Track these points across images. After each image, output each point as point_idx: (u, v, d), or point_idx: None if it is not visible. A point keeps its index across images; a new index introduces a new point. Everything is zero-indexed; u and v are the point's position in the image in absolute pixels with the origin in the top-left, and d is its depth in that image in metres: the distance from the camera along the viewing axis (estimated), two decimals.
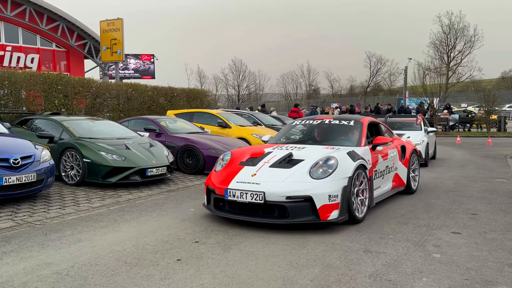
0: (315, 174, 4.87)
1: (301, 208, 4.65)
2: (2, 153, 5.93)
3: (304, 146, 5.87)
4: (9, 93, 10.47)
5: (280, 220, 4.68)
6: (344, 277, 3.49)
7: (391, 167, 6.49)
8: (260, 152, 5.63)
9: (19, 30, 22.53)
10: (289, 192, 4.68)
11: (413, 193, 7.07)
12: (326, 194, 4.67)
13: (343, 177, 4.87)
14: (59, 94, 11.74)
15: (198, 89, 18.97)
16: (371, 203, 5.51)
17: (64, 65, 24.62)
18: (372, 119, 6.89)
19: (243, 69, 62.57)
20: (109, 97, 13.44)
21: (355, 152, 5.39)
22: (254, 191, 4.74)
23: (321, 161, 5.01)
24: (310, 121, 6.83)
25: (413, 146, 7.49)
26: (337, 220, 4.72)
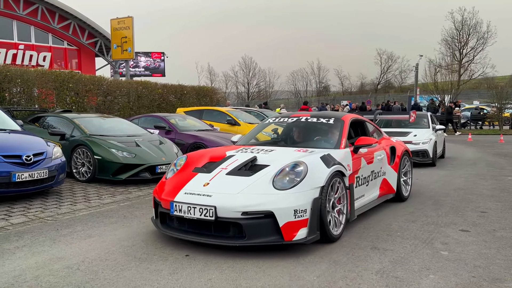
0: (279, 184, 4.00)
1: (260, 226, 3.78)
2: (15, 150, 6.04)
3: (273, 149, 4.93)
4: (21, 91, 10.64)
5: (234, 242, 3.80)
6: (351, 273, 3.51)
7: (378, 172, 5.64)
8: (221, 156, 4.76)
9: (31, 29, 22.80)
10: (246, 206, 3.80)
11: (405, 200, 6.26)
12: (291, 209, 3.80)
13: (313, 187, 4.01)
14: (70, 92, 11.89)
15: (208, 86, 19.08)
16: (351, 216, 4.64)
17: (75, 63, 24.87)
18: (356, 116, 6.07)
19: (253, 67, 62.69)
20: (119, 94, 13.57)
21: (331, 156, 4.51)
22: (204, 205, 3.86)
23: (288, 168, 4.14)
24: (285, 119, 5.83)
25: (404, 147, 6.61)
26: (305, 241, 3.86)
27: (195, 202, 3.94)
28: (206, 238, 3.90)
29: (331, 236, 4.17)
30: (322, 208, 4.02)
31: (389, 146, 6.16)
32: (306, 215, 3.89)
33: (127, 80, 15.13)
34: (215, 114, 12.50)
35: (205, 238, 3.90)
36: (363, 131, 6.06)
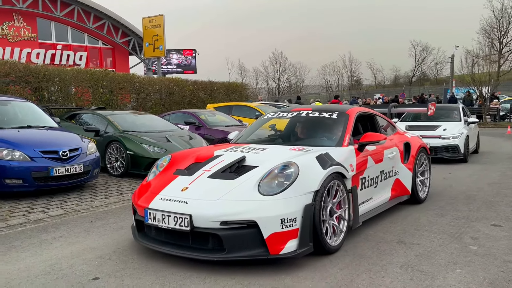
0: (265, 188, 3.49)
1: (242, 237, 3.30)
2: (52, 146, 6.33)
3: (266, 147, 4.44)
4: (59, 89, 11.08)
5: (213, 255, 3.33)
6: (375, 266, 3.51)
7: (389, 172, 5.06)
8: (208, 156, 4.30)
9: (68, 29, 23.62)
10: (225, 215, 3.32)
11: (421, 202, 5.67)
12: (277, 218, 3.30)
13: (305, 191, 3.49)
14: (104, 90, 12.28)
15: (237, 82, 19.22)
16: (354, 222, 4.10)
17: (110, 62, 25.59)
18: (364, 109, 5.47)
19: (283, 61, 62.40)
20: (151, 92, 13.90)
21: (329, 156, 3.97)
22: (179, 213, 3.41)
23: (277, 170, 3.62)
24: (285, 114, 5.27)
25: (421, 143, 5.94)
26: (295, 255, 3.36)
27: (170, 209, 3.49)
28: (182, 250, 3.45)
29: (327, 247, 3.65)
30: (316, 216, 3.50)
31: (402, 143, 5.55)
32: (296, 224, 3.39)
33: (158, 78, 15.47)
34: (244, 109, 12.62)
35: (181, 251, 3.45)
36: (373, 126, 5.50)
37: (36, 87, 10.84)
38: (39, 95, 10.75)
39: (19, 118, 7.23)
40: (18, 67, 10.58)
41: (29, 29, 21.84)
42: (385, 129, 5.76)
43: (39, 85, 10.81)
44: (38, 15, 21.99)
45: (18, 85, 10.52)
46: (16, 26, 21.33)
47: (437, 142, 9.45)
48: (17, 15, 21.33)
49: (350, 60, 62.71)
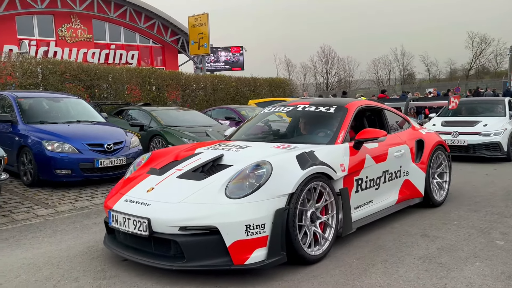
0: (232, 190, 3.17)
1: (203, 245, 3.02)
2: (97, 139, 6.81)
3: (250, 145, 4.14)
4: (109, 87, 11.76)
5: (172, 264, 3.06)
6: (392, 257, 3.55)
7: (395, 172, 4.59)
8: (188, 153, 4.04)
9: (121, 30, 24.73)
10: (185, 219, 3.05)
11: (438, 205, 5.13)
12: (241, 224, 2.98)
13: (277, 194, 3.15)
14: (152, 87, 12.86)
15: (280, 78, 19.33)
16: (345, 229, 3.74)
17: (160, 60, 26.53)
18: (368, 103, 5.05)
19: (332, 56, 61.56)
20: (196, 88, 14.35)
21: (313, 155, 3.57)
22: (138, 216, 3.18)
23: (248, 170, 3.29)
24: (281, 108, 4.93)
25: (438, 140, 5.34)
26: (263, 265, 3.03)
27: (130, 212, 3.27)
28: (143, 257, 3.21)
29: (306, 257, 3.31)
30: (290, 222, 3.16)
31: (414, 140, 5.02)
32: (265, 231, 3.05)
33: (203, 75, 15.93)
34: None
35: (142, 257, 3.21)
36: (381, 121, 4.95)
37: (88, 84, 11.57)
38: (91, 92, 11.46)
39: (70, 114, 7.80)
40: (73, 66, 11.34)
41: (86, 30, 23.10)
42: (398, 124, 5.20)
43: (91, 83, 11.52)
44: (94, 16, 23.21)
45: (73, 83, 11.28)
46: (74, 28, 22.64)
47: (476, 139, 8.72)
48: (74, 17, 22.65)
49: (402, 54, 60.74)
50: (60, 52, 21.23)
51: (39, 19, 21.49)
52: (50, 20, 21.87)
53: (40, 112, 7.50)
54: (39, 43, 20.96)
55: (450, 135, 8.89)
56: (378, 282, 3.08)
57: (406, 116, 5.56)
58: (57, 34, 21.85)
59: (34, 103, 7.69)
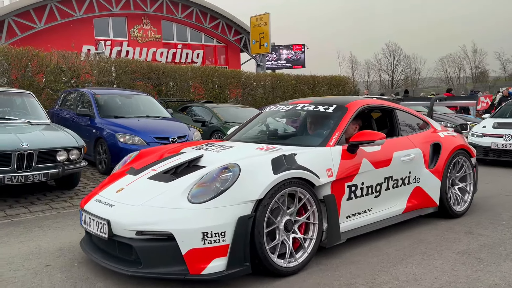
0: (195, 194, 2.99)
1: (160, 251, 2.87)
2: (163, 133, 7.45)
3: (234, 145, 3.95)
4: (175, 85, 12.55)
5: (128, 269, 2.93)
6: (431, 250, 3.70)
7: (402, 179, 4.21)
8: (172, 153, 3.89)
9: (187, 30, 25.88)
10: (142, 223, 2.90)
11: (457, 217, 4.68)
12: (197, 231, 2.80)
13: (242, 201, 2.93)
14: (214, 85, 13.52)
15: (340, 76, 19.31)
16: (332, 238, 3.47)
17: (223, 59, 27.41)
18: (376, 102, 4.68)
19: (398, 53, 59.69)
20: (256, 87, 14.83)
21: (292, 158, 3.30)
22: (100, 217, 3.10)
23: (215, 173, 3.09)
24: (281, 107, 4.67)
25: (459, 144, 4.83)
26: (221, 276, 2.85)
27: (95, 212, 3.20)
28: (106, 260, 3.10)
29: (276, 269, 3.08)
30: (255, 230, 2.94)
31: (430, 143, 4.59)
32: (225, 240, 2.85)
33: (263, 73, 16.39)
34: None
35: (105, 260, 3.10)
36: (391, 122, 4.58)
37: (156, 82, 12.44)
38: (158, 90, 12.31)
39: (140, 109, 8.55)
40: (143, 65, 12.25)
41: (155, 30, 24.46)
42: (413, 126, 4.77)
43: (159, 81, 12.38)
44: (163, 17, 24.52)
45: (142, 81, 12.19)
46: (144, 29, 24.07)
47: None
48: (145, 18, 24.07)
49: (474, 50, 57.47)
50: (131, 51, 22.69)
51: (114, 21, 23.09)
52: (124, 22, 23.43)
53: (114, 107, 8.30)
54: (113, 43, 22.55)
55: (502, 138, 8.28)
56: (413, 271, 3.27)
57: (425, 116, 5.10)
58: (129, 35, 23.36)
59: (109, 99, 8.52)
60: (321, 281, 3.11)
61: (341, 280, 3.13)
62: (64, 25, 19.31)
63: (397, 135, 4.44)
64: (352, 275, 3.21)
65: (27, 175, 5.18)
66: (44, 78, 10.42)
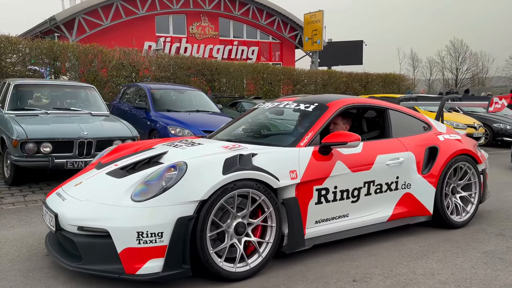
0: (138, 192, 2.94)
1: (97, 248, 2.86)
2: (212, 127, 7.82)
3: (202, 143, 3.82)
4: (227, 81, 13.02)
5: (71, 263, 2.93)
6: (456, 249, 3.77)
7: (388, 184, 3.94)
8: (144, 148, 3.85)
9: (243, 26, 26.40)
10: (83, 219, 2.92)
11: (456, 227, 4.33)
12: (132, 230, 2.76)
13: (184, 200, 2.85)
14: (264, 82, 13.84)
15: (395, 74, 18.85)
16: (294, 244, 3.34)
17: (278, 55, 27.68)
18: (364, 101, 4.39)
19: (463, 50, 56.77)
20: (307, 83, 14.96)
21: (248, 158, 3.17)
22: (51, 210, 3.14)
23: (162, 171, 3.04)
24: (266, 105, 4.52)
25: (461, 149, 4.40)
26: (157, 277, 2.80)
27: (49, 205, 3.23)
28: (56, 253, 3.12)
29: (222, 274, 2.99)
30: (197, 232, 2.87)
31: (426, 146, 4.27)
32: (162, 241, 2.79)
33: (313, 70, 16.46)
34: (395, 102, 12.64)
35: (55, 253, 3.12)
36: (383, 123, 4.29)
37: (210, 78, 12.96)
38: (211, 86, 12.84)
39: (191, 104, 9.05)
40: (197, 62, 12.82)
41: (212, 27, 25.20)
42: (408, 127, 4.39)
43: (212, 77, 12.89)
44: (220, 15, 25.20)
45: (197, 77, 12.76)
46: (203, 26, 24.88)
47: None
48: (203, 16, 24.88)
49: None
50: (190, 48, 23.57)
51: (174, 18, 24.08)
52: (183, 19, 24.36)
53: (168, 102, 8.86)
54: (173, 40, 23.54)
55: None
56: (431, 266, 3.39)
57: (427, 117, 4.72)
58: (188, 32, 24.25)
59: (164, 93, 9.09)
60: (339, 269, 3.32)
61: (358, 269, 3.31)
62: (127, 23, 20.47)
63: (388, 136, 4.17)
64: (370, 265, 3.39)
65: (86, 161, 5.76)
66: (107, 73, 11.26)
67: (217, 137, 4.37)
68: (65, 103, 7.21)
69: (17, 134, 5.54)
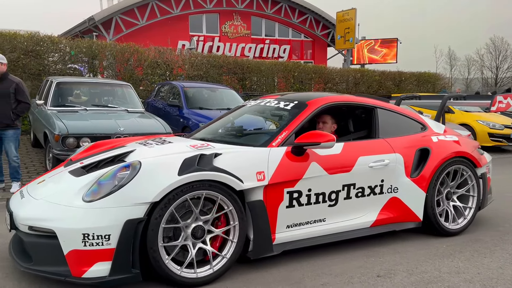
0: (89, 192, 2.84)
1: (46, 249, 2.77)
2: None
3: (172, 141, 3.65)
4: (257, 79, 13.17)
5: (23, 264, 2.86)
6: (483, 249, 3.75)
7: (372, 187, 3.70)
8: (117, 146, 3.72)
9: (275, 25, 26.46)
10: (33, 218, 2.83)
11: (450, 235, 4.06)
12: (78, 232, 2.66)
13: (134, 202, 2.72)
14: (295, 80, 13.90)
15: (430, 72, 18.47)
16: (259, 250, 3.16)
17: (309, 54, 27.59)
18: (348, 99, 4.08)
19: (504, 48, 54.67)
20: (338, 82, 14.90)
21: (208, 159, 3.00)
22: (8, 209, 3.08)
23: (115, 170, 2.94)
24: (250, 103, 4.38)
25: (456, 151, 4.09)
26: (104, 281, 2.70)
27: (10, 203, 3.16)
28: (13, 251, 3.04)
29: (177, 280, 2.86)
30: (148, 236, 2.75)
31: (416, 148, 3.98)
32: (110, 243, 2.68)
33: (345, 68, 16.36)
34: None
35: (13, 252, 3.04)
36: (369, 123, 4.02)
37: (241, 77, 13.14)
38: (242, 84, 13.01)
39: (223, 102, 9.23)
40: (229, 60, 13.02)
41: (245, 26, 25.40)
42: (399, 127, 4.10)
43: (243, 75, 13.06)
44: (252, 13, 25.36)
45: (228, 75, 12.97)
46: (235, 25, 25.12)
47: None
48: (236, 15, 25.11)
49: None
50: (222, 47, 23.87)
51: (207, 17, 24.43)
52: (216, 18, 24.67)
53: (200, 100, 9.07)
54: (206, 39, 23.90)
55: None
56: (457, 265, 3.40)
57: (422, 117, 4.43)
58: (221, 31, 24.54)
59: (196, 92, 9.32)
60: (364, 264, 3.39)
61: (383, 265, 3.37)
62: (162, 22, 20.95)
63: (375, 137, 3.91)
64: (395, 262, 3.43)
65: None
66: (143, 71, 11.62)
67: (196, 135, 4.14)
68: (102, 100, 7.53)
69: (58, 130, 5.86)
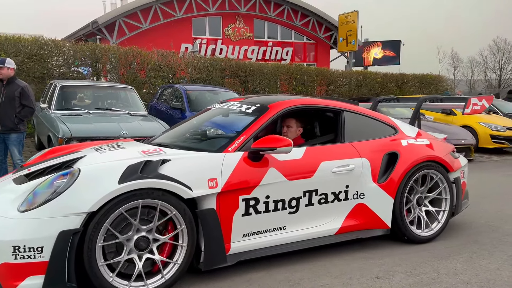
0: (24, 202, 2.70)
1: None
2: None
3: (126, 146, 3.51)
4: (260, 82, 13.23)
5: None
6: (482, 251, 3.78)
7: (336, 193, 3.56)
8: (71, 151, 3.55)
9: (278, 28, 26.54)
10: None
11: (421, 242, 3.93)
12: (8, 244, 2.53)
13: (69, 212, 2.59)
14: (298, 82, 13.96)
15: (432, 74, 18.47)
16: (210, 261, 3.02)
17: (312, 56, 27.63)
18: (313, 102, 3.96)
19: (508, 50, 54.56)
20: (340, 84, 14.94)
21: (154, 165, 2.86)
22: None
23: (53, 178, 2.80)
24: (214, 106, 4.31)
25: (427, 155, 3.97)
26: None
27: None
28: None
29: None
30: (85, 247, 2.62)
31: (384, 152, 3.84)
32: (43, 256, 2.55)
33: (347, 71, 16.41)
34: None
35: None
36: (335, 126, 3.85)
37: (243, 80, 13.21)
38: (245, 87, 13.08)
39: None
40: (232, 63, 13.09)
41: (247, 29, 25.49)
42: (367, 131, 3.96)
43: (246, 78, 13.13)
44: (255, 16, 25.45)
45: (231, 78, 13.03)
46: (238, 27, 25.22)
47: None
48: (239, 17, 25.21)
49: None
50: (225, 49, 23.96)
51: (210, 20, 24.53)
52: (219, 21, 24.78)
53: (203, 103, 9.12)
54: (209, 41, 24.00)
55: None
56: (455, 266, 3.43)
57: (393, 120, 4.26)
58: (224, 33, 24.64)
59: (199, 95, 9.39)
60: (363, 266, 3.43)
61: (382, 267, 3.41)
62: (165, 25, 21.06)
63: (340, 141, 3.77)
64: (394, 264, 3.47)
65: None
66: (146, 74, 11.70)
67: (155, 140, 3.93)
68: (106, 104, 7.61)
69: (62, 133, 5.94)
